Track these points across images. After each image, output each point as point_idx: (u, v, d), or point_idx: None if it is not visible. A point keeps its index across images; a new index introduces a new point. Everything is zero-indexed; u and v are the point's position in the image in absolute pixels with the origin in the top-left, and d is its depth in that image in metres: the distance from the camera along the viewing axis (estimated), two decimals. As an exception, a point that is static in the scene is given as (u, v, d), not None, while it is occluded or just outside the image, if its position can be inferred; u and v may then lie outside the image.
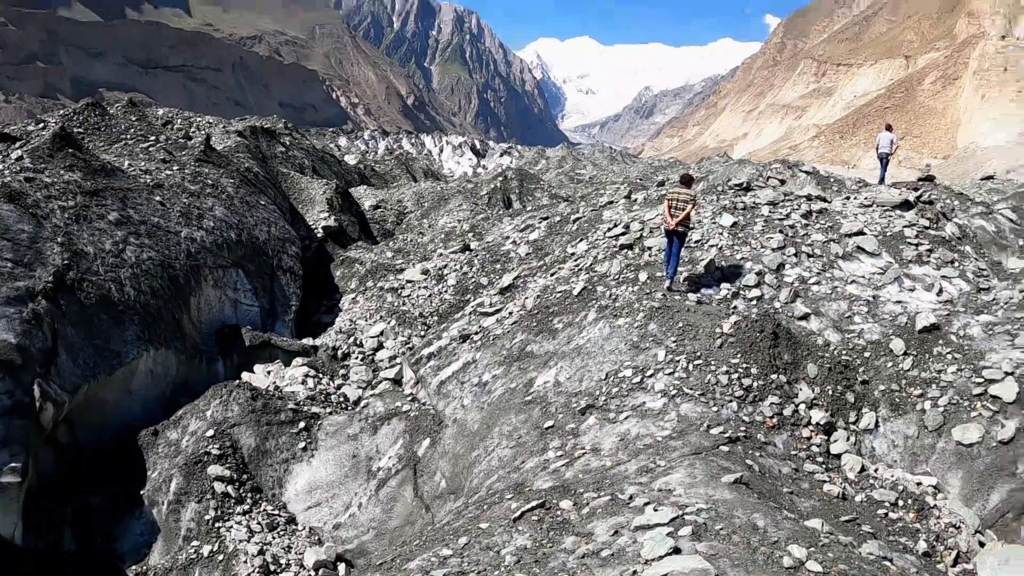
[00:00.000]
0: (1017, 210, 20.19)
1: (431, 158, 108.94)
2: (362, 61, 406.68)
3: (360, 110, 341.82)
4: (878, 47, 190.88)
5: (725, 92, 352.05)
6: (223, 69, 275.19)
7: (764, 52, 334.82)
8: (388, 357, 18.43)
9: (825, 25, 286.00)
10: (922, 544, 8.48)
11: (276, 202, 25.32)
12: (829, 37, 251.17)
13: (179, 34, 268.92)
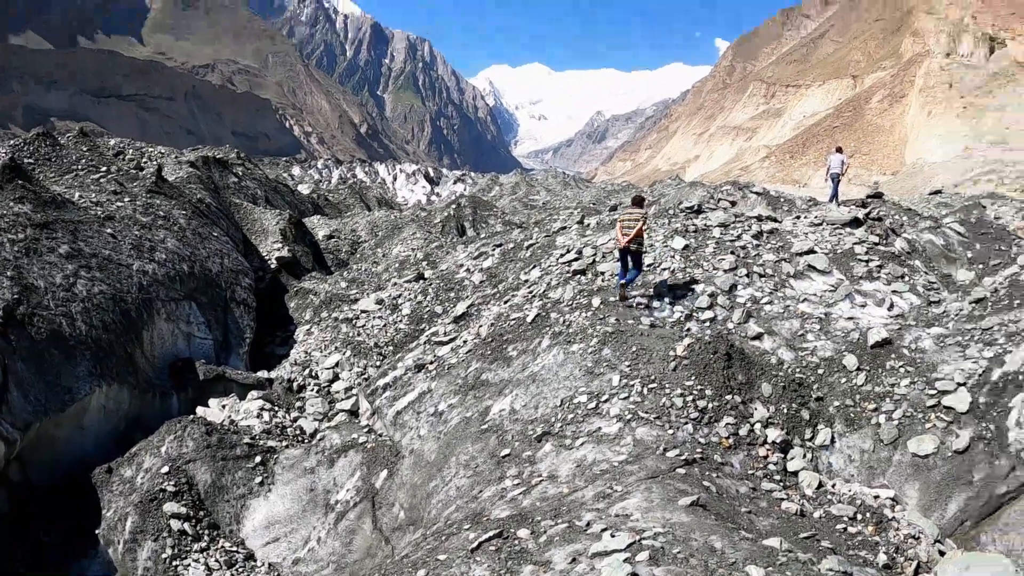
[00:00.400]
0: (964, 223, 20.53)
1: (385, 186, 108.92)
2: (315, 90, 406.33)
3: (314, 139, 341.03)
4: (826, 68, 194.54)
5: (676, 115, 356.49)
6: (176, 98, 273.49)
7: (714, 75, 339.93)
8: (344, 388, 18.26)
9: (773, 48, 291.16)
10: (882, 556, 8.50)
11: (229, 233, 25.06)
12: (777, 59, 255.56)
13: (132, 63, 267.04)
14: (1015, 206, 23.28)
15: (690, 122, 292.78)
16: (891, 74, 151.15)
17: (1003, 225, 20.66)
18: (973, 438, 10.06)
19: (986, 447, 9.85)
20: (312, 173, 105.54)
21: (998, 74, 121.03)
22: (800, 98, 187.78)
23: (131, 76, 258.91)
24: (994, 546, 8.97)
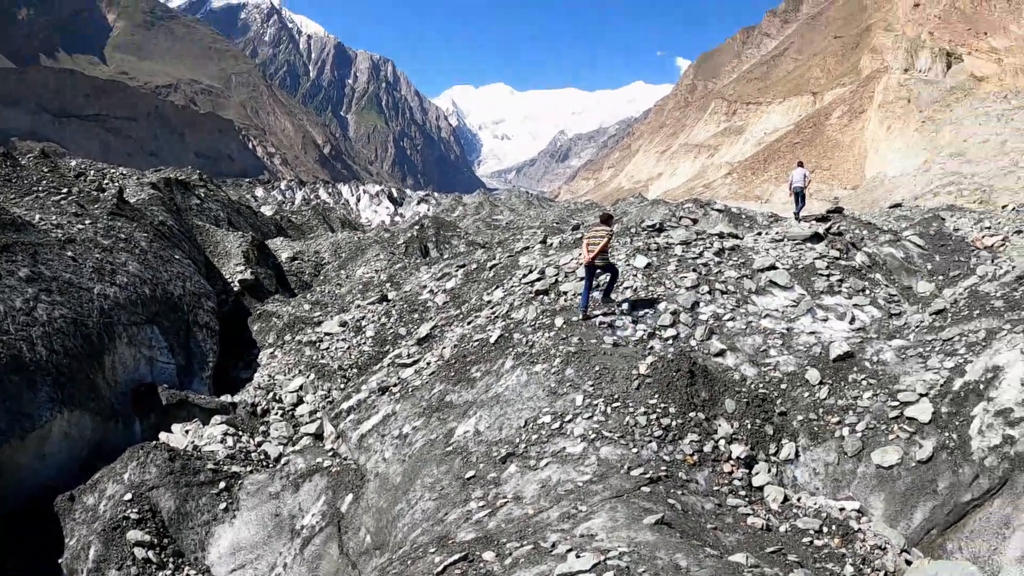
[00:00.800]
0: (924, 235, 20.81)
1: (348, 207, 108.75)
2: (278, 110, 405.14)
3: (277, 160, 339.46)
4: (786, 85, 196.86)
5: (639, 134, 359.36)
6: (138, 119, 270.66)
7: (676, 93, 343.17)
8: (308, 412, 18.11)
9: (734, 66, 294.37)
10: (849, 568, 8.51)
11: (191, 256, 24.84)
12: (738, 77, 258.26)
13: (94, 82, 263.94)
14: (974, 217, 23.62)
15: (652, 140, 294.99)
16: (850, 90, 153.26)
17: (962, 236, 20.96)
18: (936, 448, 10.14)
19: (949, 456, 9.93)
20: (275, 194, 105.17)
21: (955, 88, 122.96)
22: (761, 115, 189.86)
23: (93, 96, 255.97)
24: (961, 553, 9.03)
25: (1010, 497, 9.05)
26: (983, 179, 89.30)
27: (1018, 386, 10.11)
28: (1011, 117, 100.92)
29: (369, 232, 47.41)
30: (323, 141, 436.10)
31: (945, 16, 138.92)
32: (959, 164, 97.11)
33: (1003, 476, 9.27)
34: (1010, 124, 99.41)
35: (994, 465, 9.42)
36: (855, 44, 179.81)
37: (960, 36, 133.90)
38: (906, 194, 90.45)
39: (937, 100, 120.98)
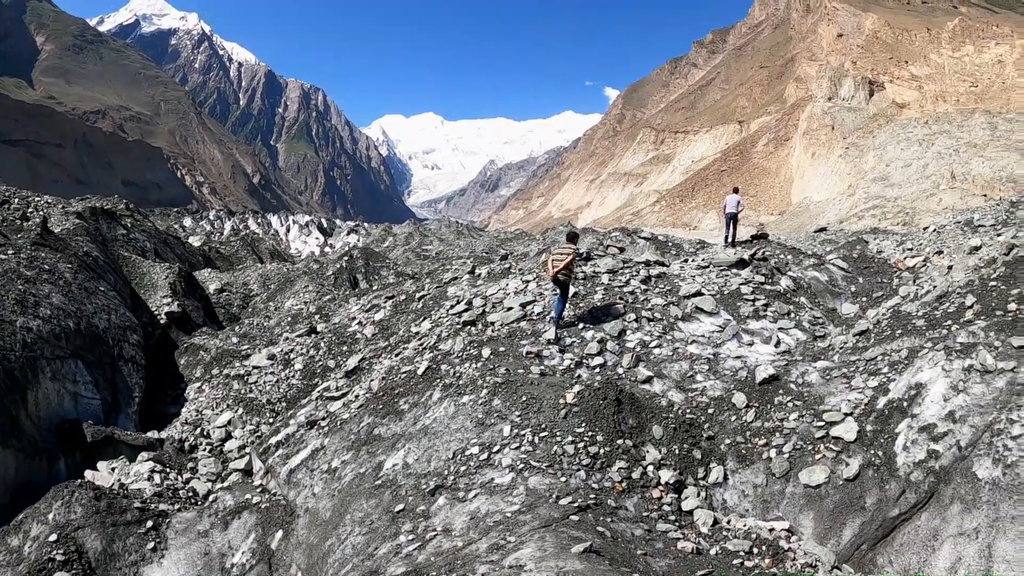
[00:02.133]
0: (848, 258, 21.25)
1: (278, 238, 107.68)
2: (208, 139, 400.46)
3: (205, 189, 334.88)
4: (713, 114, 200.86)
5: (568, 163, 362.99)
6: (65, 145, 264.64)
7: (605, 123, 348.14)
8: (237, 447, 17.73)
9: (662, 95, 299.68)
10: (780, 588, 8.60)
11: (117, 288, 24.29)
12: (666, 107, 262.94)
13: (21, 107, 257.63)
14: (896, 240, 24.13)
15: (582, 169, 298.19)
16: (776, 118, 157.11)
17: (885, 259, 21.38)
18: (863, 465, 10.31)
19: (875, 473, 10.10)
20: (204, 224, 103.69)
21: (877, 115, 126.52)
22: (689, 144, 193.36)
23: (20, 120, 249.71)
24: (891, 567, 9.17)
25: (937, 510, 9.23)
26: (906, 202, 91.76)
27: (940, 402, 10.34)
28: (932, 141, 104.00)
29: (298, 263, 46.98)
30: (253, 170, 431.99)
31: (867, 46, 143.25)
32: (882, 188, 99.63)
33: (929, 490, 9.46)
34: (931, 148, 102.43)
35: (920, 480, 9.61)
36: (780, 74, 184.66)
37: (882, 65, 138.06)
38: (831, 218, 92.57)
39: (860, 127, 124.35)
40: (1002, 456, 9.09)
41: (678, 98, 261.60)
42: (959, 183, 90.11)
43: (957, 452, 9.60)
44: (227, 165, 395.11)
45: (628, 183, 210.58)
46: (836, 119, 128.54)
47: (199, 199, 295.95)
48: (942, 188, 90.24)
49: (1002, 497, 8.74)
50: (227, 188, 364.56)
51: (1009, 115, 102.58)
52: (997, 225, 20.15)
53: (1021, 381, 9.87)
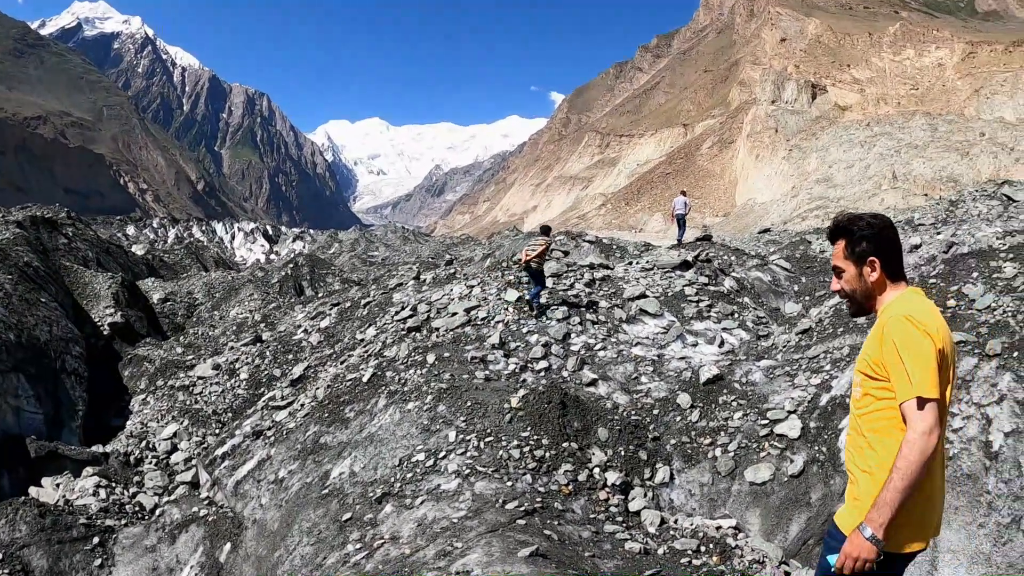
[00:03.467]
0: (791, 258, 21.58)
1: (223, 245, 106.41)
2: (151, 145, 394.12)
3: (149, 196, 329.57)
4: (658, 117, 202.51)
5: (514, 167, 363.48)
6: (6, 152, 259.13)
7: (550, 127, 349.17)
8: (184, 459, 17.50)
9: (607, 99, 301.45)
10: (728, 585, 8.67)
11: (58, 299, 23.86)
12: (611, 111, 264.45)
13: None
14: (839, 239, 24.58)
15: (527, 173, 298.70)
16: (720, 121, 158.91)
17: (828, 258, 21.74)
18: (807, 461, 10.41)
19: (820, 469, 10.21)
20: (147, 233, 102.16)
21: (820, 118, 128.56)
22: (634, 147, 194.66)
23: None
24: (839, 560, 9.30)
25: (883, 503, 9.40)
26: (848, 202, 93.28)
27: (882, 397, 10.51)
28: (874, 143, 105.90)
29: (244, 271, 46.54)
30: (197, 177, 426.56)
31: (810, 50, 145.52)
32: (825, 189, 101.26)
33: (874, 483, 9.63)
34: (873, 150, 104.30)
35: (865, 474, 9.78)
36: (724, 78, 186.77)
37: (824, 69, 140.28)
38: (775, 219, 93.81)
39: (803, 129, 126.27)
40: (944, 449, 9.29)
41: (623, 102, 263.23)
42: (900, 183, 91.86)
43: (900, 447, 9.77)
44: (171, 172, 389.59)
45: (574, 187, 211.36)
46: (779, 122, 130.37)
47: (142, 207, 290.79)
48: (884, 188, 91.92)
49: (945, 489, 8.94)
50: (171, 195, 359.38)
51: (949, 117, 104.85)
52: (937, 224, 20.55)
53: (960, 376, 10.05)
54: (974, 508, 8.63)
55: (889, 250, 4.04)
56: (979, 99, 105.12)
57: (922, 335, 3.67)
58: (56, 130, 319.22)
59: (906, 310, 3.81)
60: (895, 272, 4.05)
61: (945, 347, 3.74)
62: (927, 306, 3.89)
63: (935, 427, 3.55)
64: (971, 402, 9.64)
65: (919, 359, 3.60)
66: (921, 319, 3.73)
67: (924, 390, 3.55)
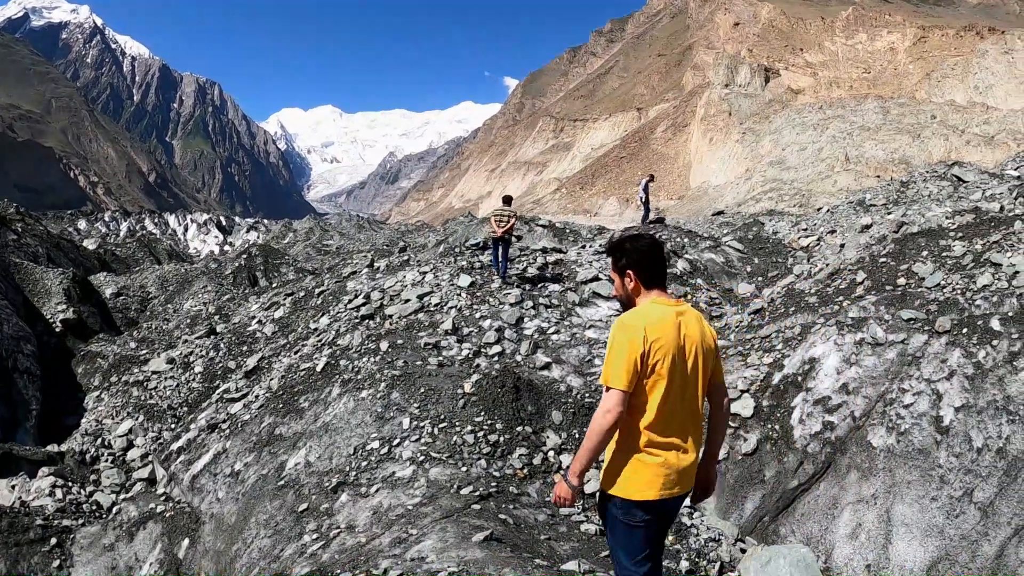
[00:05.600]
0: (743, 240, 21.79)
1: (176, 238, 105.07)
2: (101, 137, 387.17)
3: (100, 189, 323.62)
4: (612, 102, 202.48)
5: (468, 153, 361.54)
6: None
7: (504, 112, 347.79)
8: (140, 456, 17.27)
9: (561, 84, 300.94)
10: (684, 563, 8.70)
11: (8, 296, 23.46)
12: (565, 95, 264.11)
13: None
14: (791, 220, 24.85)
15: (482, 159, 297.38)
16: (674, 105, 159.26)
17: (780, 239, 21.98)
18: (760, 439, 10.56)
19: (773, 447, 10.35)
20: (99, 226, 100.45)
21: (773, 101, 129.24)
22: (588, 131, 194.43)
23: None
24: (794, 536, 9.39)
25: (835, 479, 9.52)
26: (802, 184, 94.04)
27: (834, 375, 10.65)
28: (827, 126, 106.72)
29: (197, 263, 45.98)
30: (148, 169, 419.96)
31: (763, 34, 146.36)
32: (779, 171, 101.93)
33: (826, 460, 9.75)
34: (826, 133, 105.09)
35: (817, 451, 9.89)
36: (678, 62, 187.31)
37: (777, 52, 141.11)
38: (730, 202, 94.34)
39: (757, 112, 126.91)
40: (895, 424, 9.43)
41: (577, 87, 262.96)
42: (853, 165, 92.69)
43: (852, 422, 9.91)
44: (122, 164, 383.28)
45: (528, 172, 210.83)
46: (733, 105, 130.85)
47: (94, 200, 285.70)
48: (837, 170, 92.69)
49: (897, 463, 9.07)
50: (122, 188, 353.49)
51: (900, 100, 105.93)
52: (888, 204, 20.87)
53: (911, 352, 10.22)
54: (926, 482, 8.80)
55: (641, 266, 4.72)
56: (930, 83, 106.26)
57: (624, 337, 4.44)
58: (4, 124, 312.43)
59: (627, 315, 4.63)
60: (648, 282, 4.73)
61: (654, 347, 4.44)
62: (651, 312, 4.59)
63: (612, 409, 4.36)
64: (921, 378, 9.82)
65: (613, 355, 4.44)
66: (631, 323, 4.49)
67: (609, 380, 4.42)
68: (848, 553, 8.85)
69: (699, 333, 4.67)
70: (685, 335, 4.58)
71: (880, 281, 13.01)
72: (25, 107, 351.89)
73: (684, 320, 4.62)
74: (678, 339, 4.53)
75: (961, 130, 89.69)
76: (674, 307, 4.64)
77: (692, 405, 4.63)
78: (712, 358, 4.77)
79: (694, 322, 4.67)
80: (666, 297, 4.71)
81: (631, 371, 4.36)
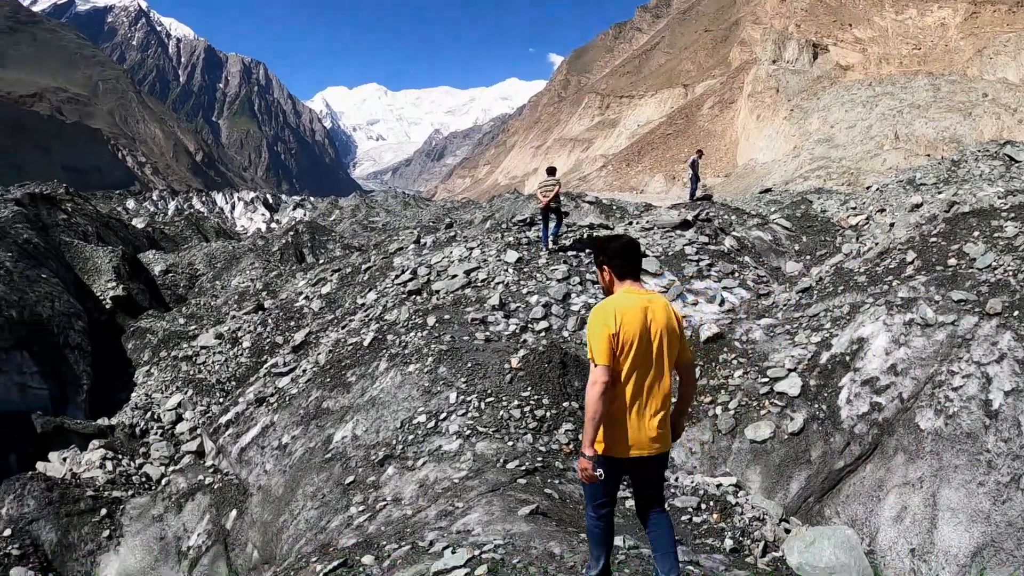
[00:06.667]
0: (791, 218, 21.53)
1: (223, 216, 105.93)
2: (148, 118, 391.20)
3: (148, 169, 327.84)
4: (658, 78, 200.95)
5: (513, 130, 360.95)
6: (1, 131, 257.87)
7: (550, 89, 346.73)
8: (188, 429, 17.58)
9: (607, 61, 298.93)
10: (728, 542, 8.67)
11: (59, 274, 23.86)
12: (611, 71, 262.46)
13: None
14: (840, 199, 24.50)
15: (527, 136, 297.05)
16: (720, 82, 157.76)
17: (829, 217, 21.69)
18: (807, 419, 10.43)
19: (820, 427, 10.23)
20: (147, 206, 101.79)
21: (822, 77, 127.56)
22: (634, 108, 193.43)
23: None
24: (838, 518, 9.29)
25: (881, 461, 9.38)
26: (850, 162, 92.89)
27: (882, 355, 10.49)
28: (876, 103, 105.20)
29: (244, 240, 46.41)
30: (195, 148, 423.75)
31: (811, 9, 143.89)
32: (827, 149, 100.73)
33: (873, 441, 9.61)
34: (875, 110, 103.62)
35: (864, 432, 9.77)
36: (725, 37, 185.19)
37: (826, 28, 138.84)
38: (777, 179, 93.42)
39: (804, 89, 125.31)
40: (944, 407, 9.27)
41: (623, 63, 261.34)
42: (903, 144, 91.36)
43: (900, 404, 9.75)
44: (169, 144, 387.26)
45: (574, 149, 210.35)
46: (780, 82, 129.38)
47: (141, 180, 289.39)
48: (886, 149, 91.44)
49: (945, 447, 8.92)
50: (170, 167, 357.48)
51: (951, 77, 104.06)
52: (938, 183, 20.50)
53: (961, 334, 10.04)
54: (973, 467, 8.64)
55: (615, 262, 5.51)
56: (982, 60, 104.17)
57: (599, 320, 5.21)
58: (52, 107, 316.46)
59: (602, 303, 5.40)
60: (621, 275, 5.50)
61: (623, 328, 5.16)
62: (621, 300, 5.33)
63: (598, 380, 5.07)
64: (971, 360, 9.63)
65: (592, 337, 5.22)
66: (604, 308, 5.27)
67: (593, 357, 5.17)
68: (892, 536, 8.72)
69: (664, 318, 5.34)
70: (651, 319, 5.27)
71: (930, 261, 12.76)
72: (73, 90, 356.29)
73: (651, 307, 5.32)
74: (644, 322, 5.23)
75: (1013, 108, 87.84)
76: (643, 295, 5.39)
77: (658, 379, 5.29)
78: (677, 339, 5.42)
79: (660, 309, 5.36)
80: (637, 287, 5.45)
81: (609, 348, 5.10)
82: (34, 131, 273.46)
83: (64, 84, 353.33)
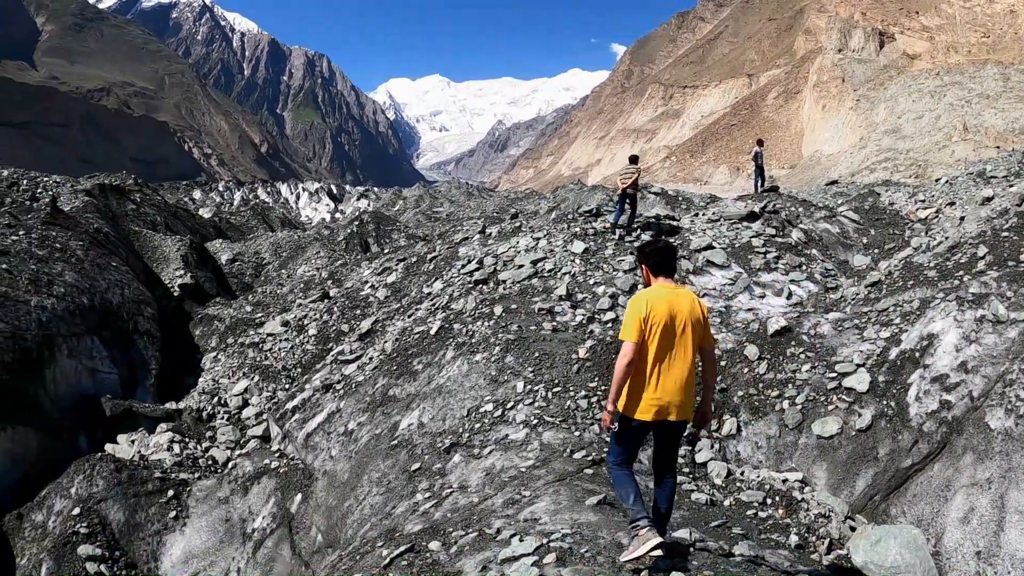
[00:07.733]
0: (859, 210, 21.17)
1: (288, 206, 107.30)
2: (213, 110, 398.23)
3: (213, 161, 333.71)
4: (722, 68, 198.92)
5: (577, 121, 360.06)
6: (70, 125, 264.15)
7: (612, 80, 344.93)
8: (255, 414, 17.84)
9: (670, 51, 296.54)
10: (794, 538, 8.57)
11: (129, 262, 24.38)
12: (674, 62, 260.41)
13: (24, 89, 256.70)
14: (908, 191, 24.00)
15: (591, 127, 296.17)
16: (785, 71, 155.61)
17: (897, 210, 21.29)
18: (875, 416, 10.27)
19: (888, 424, 10.06)
20: (213, 196, 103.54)
21: (888, 67, 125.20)
22: (698, 98, 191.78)
23: (24, 103, 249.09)
24: (904, 517, 9.13)
25: (950, 460, 9.19)
26: (918, 154, 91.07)
27: (952, 352, 10.28)
28: (944, 93, 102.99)
29: (309, 230, 46.98)
30: (260, 140, 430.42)
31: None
32: (894, 140, 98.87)
33: (942, 440, 9.41)
34: (943, 100, 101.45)
35: (932, 430, 9.57)
36: (789, 26, 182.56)
37: (892, 16, 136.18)
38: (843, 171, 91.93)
39: (871, 79, 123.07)
40: (1015, 407, 9.05)
41: (686, 53, 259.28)
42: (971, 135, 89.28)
43: (969, 402, 9.55)
44: (234, 136, 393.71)
45: (638, 139, 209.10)
46: (846, 71, 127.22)
47: (207, 171, 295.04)
48: (954, 140, 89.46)
49: (1015, 448, 8.71)
50: (235, 159, 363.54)
51: (1022, 66, 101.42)
52: (1009, 176, 20.01)
53: (1036, 329, 9.83)
54: (1047, 469, 8.46)
55: (651, 261, 6.63)
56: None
57: (634, 306, 6.26)
58: (120, 101, 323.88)
59: (638, 293, 6.48)
60: (656, 273, 6.60)
61: (651, 314, 6.19)
62: (654, 291, 6.41)
63: (626, 354, 6.11)
64: (1041, 354, 9.43)
65: (627, 318, 6.28)
66: (639, 297, 6.32)
67: (624, 335, 6.24)
68: (959, 538, 8.51)
69: (688, 308, 6.35)
70: (677, 310, 6.27)
71: (1002, 256, 12.46)
72: (139, 84, 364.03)
73: (676, 299, 6.35)
74: (671, 311, 6.24)
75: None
76: (672, 289, 6.45)
77: (679, 357, 6.25)
78: (700, 326, 6.42)
79: (685, 300, 6.39)
80: (669, 282, 6.54)
81: (638, 328, 6.13)
82: (103, 124, 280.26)
83: (131, 79, 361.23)
